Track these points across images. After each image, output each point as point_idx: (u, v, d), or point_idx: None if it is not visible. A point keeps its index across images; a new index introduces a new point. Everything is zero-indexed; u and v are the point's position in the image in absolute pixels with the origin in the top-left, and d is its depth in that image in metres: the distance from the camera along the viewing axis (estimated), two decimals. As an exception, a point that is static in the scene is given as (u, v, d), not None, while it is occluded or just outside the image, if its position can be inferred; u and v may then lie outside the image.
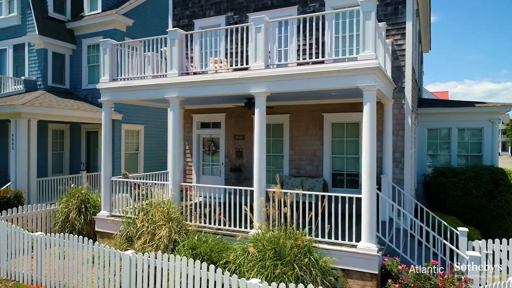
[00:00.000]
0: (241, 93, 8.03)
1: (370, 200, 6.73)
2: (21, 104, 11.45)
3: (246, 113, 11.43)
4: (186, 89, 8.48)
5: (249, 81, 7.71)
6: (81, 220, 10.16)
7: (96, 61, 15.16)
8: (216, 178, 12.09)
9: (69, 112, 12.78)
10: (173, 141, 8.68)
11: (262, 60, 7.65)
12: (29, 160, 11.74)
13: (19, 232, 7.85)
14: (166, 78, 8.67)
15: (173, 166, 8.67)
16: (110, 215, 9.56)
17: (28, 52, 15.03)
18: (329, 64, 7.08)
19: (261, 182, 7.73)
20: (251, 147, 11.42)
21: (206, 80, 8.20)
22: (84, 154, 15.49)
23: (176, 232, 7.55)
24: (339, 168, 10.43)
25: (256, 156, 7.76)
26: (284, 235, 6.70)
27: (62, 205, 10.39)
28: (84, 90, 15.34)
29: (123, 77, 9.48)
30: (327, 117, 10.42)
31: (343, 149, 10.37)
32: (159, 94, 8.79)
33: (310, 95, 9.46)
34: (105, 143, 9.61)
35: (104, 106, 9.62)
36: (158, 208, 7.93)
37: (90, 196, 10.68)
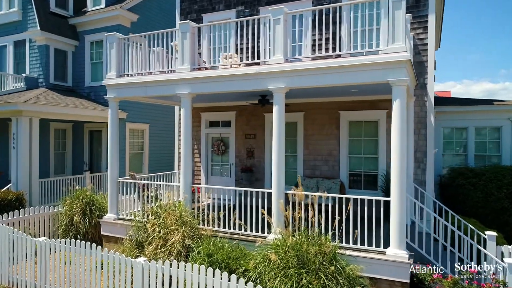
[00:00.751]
0: (258, 89, 7.55)
1: (400, 204, 6.26)
2: (22, 101, 10.95)
3: (258, 111, 10.95)
4: (199, 85, 8.00)
5: (267, 76, 7.23)
6: (86, 223, 9.68)
7: (99, 58, 14.66)
8: (225, 179, 11.61)
9: (72, 110, 12.28)
10: (185, 140, 8.20)
11: (281, 53, 7.17)
12: (31, 161, 11.24)
13: (22, 237, 7.36)
14: (177, 74, 8.19)
15: (184, 167, 8.19)
16: (117, 218, 9.08)
17: (29, 48, 14.52)
18: (356, 58, 6.60)
19: (280, 183, 7.26)
20: (262, 147, 10.97)
21: (220, 76, 7.72)
22: (87, 154, 14.99)
23: (190, 237, 7.07)
24: (356, 168, 9.95)
25: (275, 156, 7.28)
26: (307, 241, 6.24)
27: (66, 207, 9.90)
28: (87, 87, 14.85)
29: (131, 72, 9.00)
30: (344, 115, 9.95)
31: (360, 148, 9.90)
32: (170, 90, 8.31)
33: (326, 92, 8.98)
34: (111, 143, 9.13)
35: (111, 103, 9.13)
36: (170, 211, 7.45)
37: (95, 198, 10.20)
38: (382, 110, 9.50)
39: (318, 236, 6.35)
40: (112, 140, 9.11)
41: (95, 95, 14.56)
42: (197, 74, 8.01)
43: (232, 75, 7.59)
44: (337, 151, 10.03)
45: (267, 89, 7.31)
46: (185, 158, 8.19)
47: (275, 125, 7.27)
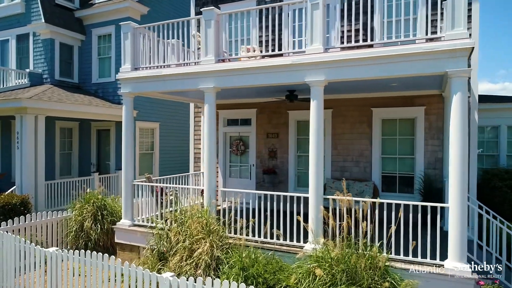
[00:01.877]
0: (292, 83, 6.80)
1: (461, 211, 5.51)
2: (27, 98, 10.19)
3: (281, 108, 10.19)
4: (224, 78, 7.24)
5: (304, 68, 6.47)
6: (98, 229, 8.92)
7: (107, 52, 13.89)
8: (245, 181, 10.84)
9: (80, 107, 11.52)
10: (208, 139, 7.44)
11: (320, 42, 6.42)
12: (37, 161, 10.48)
13: (30, 247, 6.60)
14: (201, 66, 7.43)
15: (209, 168, 7.42)
16: (132, 224, 8.32)
17: (33, 42, 13.75)
18: (409, 46, 5.84)
19: (318, 187, 6.49)
20: (286, 147, 10.22)
21: (250, 68, 6.96)
22: (94, 155, 14.22)
23: (218, 247, 6.32)
24: (390, 170, 9.19)
25: (313, 157, 6.51)
26: (356, 253, 5.49)
27: (76, 212, 9.14)
28: (94, 84, 14.07)
29: (147, 65, 8.24)
30: (376, 113, 9.18)
31: (394, 148, 9.13)
32: (192, 84, 7.54)
33: (360, 87, 8.24)
34: (126, 142, 8.37)
35: (125, 99, 8.37)
36: (195, 218, 6.70)
37: (107, 202, 9.44)
38: (419, 106, 8.74)
39: (367, 247, 5.62)
40: (126, 139, 8.36)
41: (103, 92, 13.80)
42: (222, 66, 7.25)
43: (264, 67, 6.83)
44: (369, 151, 9.26)
45: (303, 82, 6.56)
46: (210, 159, 7.43)
47: (314, 122, 6.51)
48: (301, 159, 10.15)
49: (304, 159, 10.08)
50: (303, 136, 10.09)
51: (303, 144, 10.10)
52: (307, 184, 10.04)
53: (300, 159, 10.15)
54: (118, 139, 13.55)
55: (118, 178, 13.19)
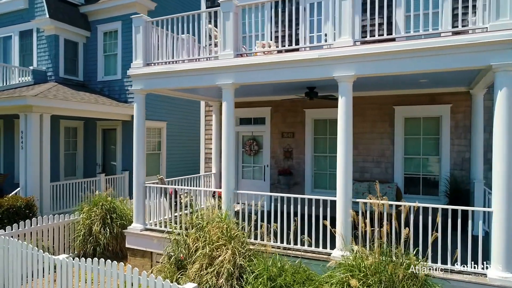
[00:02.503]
0: (318, 78, 6.37)
1: (506, 216, 5.10)
2: (32, 95, 9.75)
3: (297, 106, 9.77)
4: (244, 74, 6.82)
5: (332, 62, 6.05)
6: (107, 234, 8.50)
7: (113, 49, 13.46)
8: (258, 182, 10.42)
9: (86, 106, 11.08)
10: (227, 139, 7.01)
11: (349, 34, 5.99)
12: (42, 162, 10.05)
13: (38, 254, 6.17)
14: (218, 61, 7.00)
15: (227, 170, 6.99)
16: (144, 228, 7.89)
17: (37, 39, 13.31)
18: (455, 37, 5.42)
19: (347, 189, 6.07)
20: (302, 147, 9.79)
21: (272, 62, 6.53)
22: (100, 155, 13.78)
23: (241, 254, 5.89)
24: (413, 171, 8.77)
25: (341, 157, 6.10)
26: (393, 261, 5.07)
27: (83, 215, 8.72)
28: (99, 82, 13.64)
29: (159, 61, 7.82)
30: (399, 111, 8.76)
31: (418, 148, 8.71)
32: (209, 80, 7.12)
33: (384, 83, 7.83)
34: (137, 142, 7.94)
35: (137, 96, 7.94)
36: (214, 223, 6.27)
37: (116, 204, 9.01)
38: (445, 104, 8.32)
39: (403, 254, 5.20)
40: (138, 139, 7.93)
41: (109, 90, 13.36)
42: (242, 60, 6.82)
43: (287, 62, 6.40)
44: (391, 151, 8.84)
45: (331, 78, 6.13)
46: (228, 160, 7.00)
47: (342, 121, 6.10)
48: (318, 159, 9.72)
49: (322, 160, 9.67)
50: (320, 136, 9.67)
51: (320, 144, 9.69)
52: (324, 186, 9.74)
53: (317, 160, 9.73)
54: (124, 139, 13.13)
55: (124, 179, 12.77)
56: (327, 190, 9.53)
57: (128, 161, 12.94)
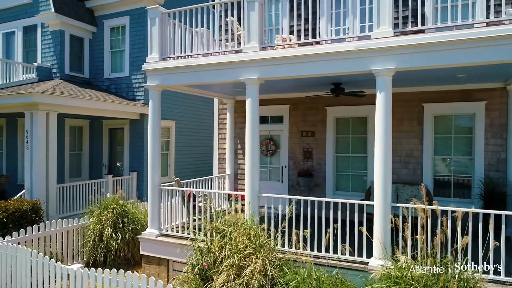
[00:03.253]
0: (353, 72, 5.88)
1: None
2: (39, 92, 9.23)
3: (317, 104, 9.27)
4: (271, 68, 6.33)
5: (370, 54, 5.56)
6: (118, 239, 8.00)
7: (120, 46, 12.94)
8: (275, 184, 9.91)
9: (95, 104, 10.56)
10: (252, 138, 6.54)
11: (388, 24, 5.50)
12: (48, 163, 9.53)
13: (49, 263, 5.67)
14: (242, 54, 6.51)
15: (251, 171, 6.51)
16: (160, 234, 7.38)
17: (41, 34, 12.79)
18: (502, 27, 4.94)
19: (386, 193, 5.57)
20: (323, 147, 9.30)
21: (302, 56, 6.04)
22: (106, 155, 13.26)
23: (272, 264, 5.39)
24: (443, 172, 8.28)
25: (380, 158, 5.59)
26: (445, 272, 4.58)
27: (94, 219, 8.22)
28: (106, 80, 13.12)
29: (177, 55, 7.32)
30: (428, 108, 8.27)
31: (449, 148, 8.22)
32: (232, 75, 6.62)
33: (411, 79, 7.33)
34: (153, 142, 7.44)
35: (152, 93, 7.44)
36: (241, 229, 5.77)
37: (128, 207, 8.51)
38: (479, 101, 7.83)
39: (453, 264, 4.72)
40: (154, 138, 7.43)
41: (116, 88, 12.84)
42: (269, 54, 6.33)
43: (319, 54, 5.91)
44: (419, 151, 8.35)
45: (368, 71, 5.64)
46: (252, 161, 6.52)
47: (381, 118, 5.59)
48: (340, 160, 9.23)
49: (344, 160, 9.18)
50: (342, 135, 9.18)
51: (342, 143, 9.19)
52: (347, 188, 9.24)
53: (339, 160, 9.23)
54: (132, 139, 12.62)
55: (132, 180, 12.26)
56: (349, 193, 9.04)
57: (136, 161, 12.45)
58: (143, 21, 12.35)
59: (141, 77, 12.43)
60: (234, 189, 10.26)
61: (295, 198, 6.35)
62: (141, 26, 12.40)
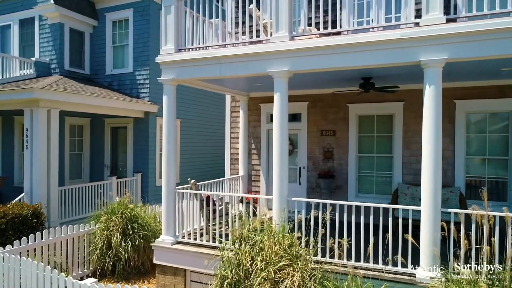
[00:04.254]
0: (399, 63, 5.30)
1: None
2: (40, 88, 8.53)
3: (338, 100, 8.72)
4: (302, 59, 5.76)
5: (419, 43, 5.02)
6: (128, 247, 7.39)
7: (123, 40, 12.27)
8: (292, 186, 9.31)
9: (100, 101, 9.90)
10: (280, 136, 5.95)
11: (439, 10, 4.96)
12: (49, 164, 8.85)
13: (58, 278, 5.03)
14: (271, 45, 5.92)
15: (280, 173, 5.92)
16: (176, 241, 6.77)
17: (39, 28, 12.08)
18: None
19: (436, 197, 5.03)
20: (345, 146, 8.75)
21: (339, 45, 5.48)
22: (108, 156, 12.58)
23: (311, 277, 4.82)
24: (477, 173, 7.78)
25: (429, 159, 5.05)
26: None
27: (101, 225, 7.59)
28: (108, 76, 12.44)
29: (194, 46, 6.72)
30: (460, 105, 7.76)
31: (484, 148, 7.72)
32: (258, 68, 6.04)
33: (449, 73, 6.79)
34: (167, 141, 6.83)
35: (167, 88, 6.82)
36: (273, 239, 5.19)
37: (137, 212, 7.89)
38: (517, 98, 7.34)
39: None
40: (169, 137, 6.82)
41: (119, 85, 12.18)
42: (301, 44, 5.75)
43: (359, 44, 5.35)
44: (450, 151, 7.83)
45: (416, 63, 5.10)
46: (281, 162, 5.93)
47: (430, 115, 5.04)
48: (363, 160, 8.69)
49: (367, 161, 8.64)
50: (366, 134, 8.63)
51: (366, 143, 8.65)
52: (370, 190, 8.69)
53: (362, 161, 8.69)
54: (136, 138, 11.97)
55: (136, 182, 11.62)
56: (373, 195, 8.52)
57: (141, 162, 11.81)
58: (148, 14, 11.73)
59: (146, 73, 11.79)
60: (247, 191, 9.69)
61: (328, 202, 5.77)
62: (146, 20, 11.77)
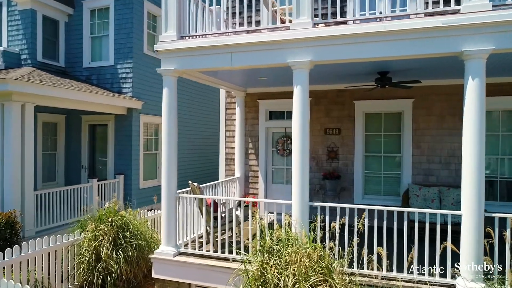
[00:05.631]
0: (438, 53, 4.85)
1: None
2: (14, 79, 7.48)
3: (343, 97, 8.26)
4: (327, 49, 5.21)
5: (462, 32, 4.59)
6: (120, 259, 6.55)
7: (103, 30, 11.27)
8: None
9: (80, 95, 8.92)
10: (301, 133, 5.37)
11: (485, -6, 4.55)
12: (23, 165, 7.81)
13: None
14: (290, 32, 5.32)
15: (301, 176, 5.33)
16: (178, 252, 6.03)
17: (8, 14, 10.84)
18: None
19: (480, 200, 4.63)
20: (351, 145, 8.29)
21: (373, 33, 4.95)
22: (86, 156, 11.50)
23: (348, 294, 4.27)
24: (489, 173, 7.53)
25: (472, 158, 4.65)
26: None
27: (87, 235, 6.70)
28: (85, 69, 11.38)
29: (200, 33, 6.01)
30: (473, 103, 7.46)
31: (496, 146, 7.48)
32: (276, 58, 5.42)
33: (450, 70, 6.48)
34: (168, 140, 6.08)
35: (167, 80, 6.06)
36: (300, 250, 4.59)
37: (129, 219, 7.06)
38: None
39: None
40: (169, 136, 6.07)
41: (98, 79, 11.16)
42: (327, 31, 5.18)
43: (394, 32, 4.85)
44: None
45: (457, 53, 4.67)
46: (302, 161, 5.35)
47: (474, 111, 4.68)
48: (369, 160, 8.27)
49: (374, 161, 8.22)
50: (373, 132, 8.22)
51: (373, 142, 8.24)
52: (377, 192, 8.26)
53: (369, 161, 8.27)
54: (118, 137, 11.02)
55: (119, 184, 10.67)
56: (380, 196, 8.12)
57: (123, 162, 10.88)
58: (131, 2, 10.83)
59: (129, 66, 10.86)
60: (244, 193, 9.04)
61: (359, 207, 5.24)
62: (129, 9, 10.85)
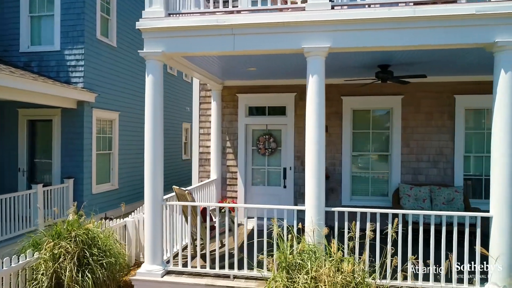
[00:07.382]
0: (469, 44, 4.48)
1: None
2: None
3: (331, 93, 7.72)
4: (347, 34, 4.62)
5: (495, 21, 4.27)
6: (88, 282, 5.38)
7: (46, 9, 9.60)
8: (276, 190, 8.13)
9: (23, 84, 7.38)
10: (318, 130, 4.73)
11: (517, -16, 4.26)
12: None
13: None
14: (306, 13, 4.62)
15: (317, 178, 4.67)
16: (165, 271, 5.05)
17: None
18: None
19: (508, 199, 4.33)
20: (338, 144, 7.87)
21: (403, 18, 4.44)
22: (24, 157, 9.74)
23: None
24: (475, 171, 7.53)
25: (504, 157, 4.33)
26: None
27: (44, 255, 5.42)
28: (23, 54, 9.63)
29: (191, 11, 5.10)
30: (460, 101, 7.41)
31: (482, 144, 7.49)
32: (288, 42, 4.69)
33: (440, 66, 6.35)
34: (154, 139, 5.05)
35: (151, 65, 5.03)
36: (329, 264, 3.94)
37: (96, 233, 5.88)
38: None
39: None
40: (154, 134, 5.04)
41: (40, 66, 9.51)
42: (348, 13, 4.57)
43: (424, 18, 4.39)
44: (450, 148, 7.45)
45: (490, 43, 4.34)
46: (319, 161, 4.69)
47: (507, 106, 4.32)
48: (357, 159, 7.89)
49: (362, 160, 7.87)
50: (361, 130, 7.85)
51: (361, 140, 7.88)
52: (365, 192, 7.89)
53: (357, 160, 7.89)
54: (66, 135, 9.49)
55: (68, 190, 9.18)
56: (368, 197, 7.79)
57: (72, 164, 9.42)
58: (82, -22, 9.36)
59: (80, 52, 9.40)
60: (221, 197, 8.18)
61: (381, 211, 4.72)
62: (79, -15, 9.38)
